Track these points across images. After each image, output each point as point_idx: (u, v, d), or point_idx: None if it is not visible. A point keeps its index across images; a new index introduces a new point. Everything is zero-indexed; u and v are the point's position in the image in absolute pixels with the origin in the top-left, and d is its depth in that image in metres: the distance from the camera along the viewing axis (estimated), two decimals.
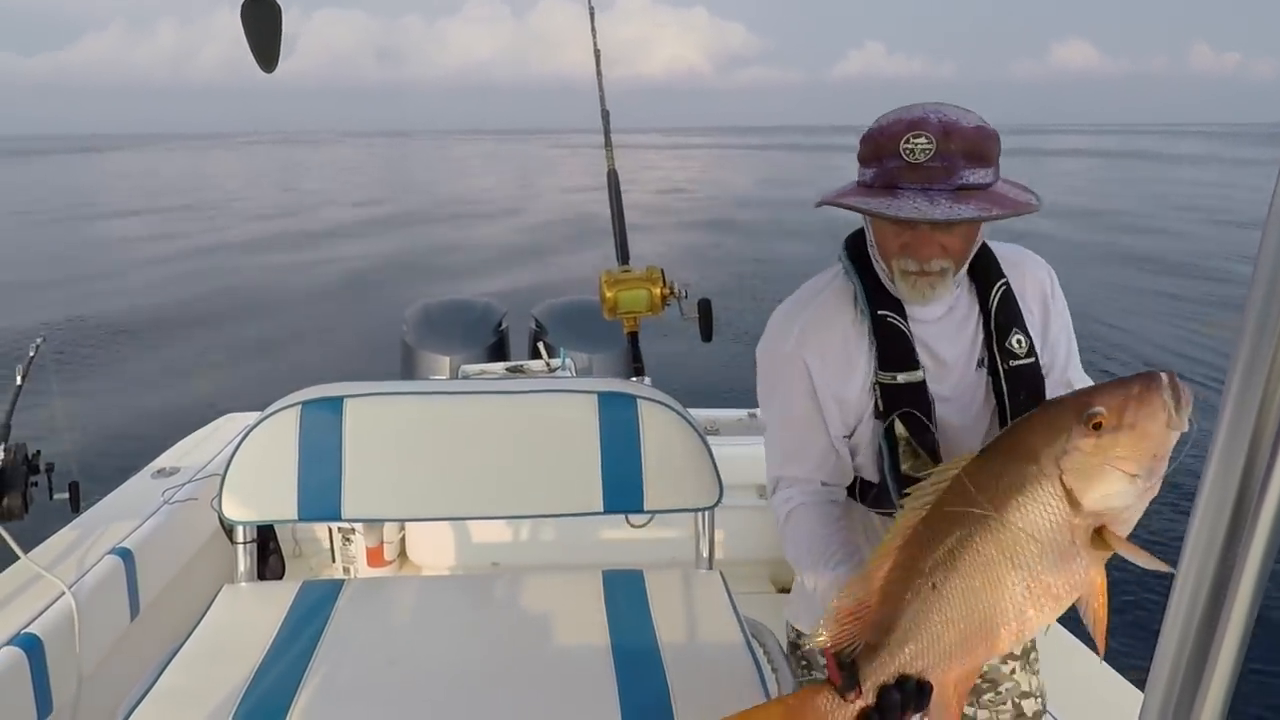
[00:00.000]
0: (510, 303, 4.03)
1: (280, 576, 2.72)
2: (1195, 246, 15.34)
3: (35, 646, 1.74)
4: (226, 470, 1.99)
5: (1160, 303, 11.01)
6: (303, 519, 1.99)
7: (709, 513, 2.02)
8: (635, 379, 2.71)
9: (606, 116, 2.72)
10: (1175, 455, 1.00)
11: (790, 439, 1.44)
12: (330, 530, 2.89)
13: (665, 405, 1.98)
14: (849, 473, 1.44)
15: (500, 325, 3.74)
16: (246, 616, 1.87)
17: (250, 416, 3.04)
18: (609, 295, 2.56)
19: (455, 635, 1.80)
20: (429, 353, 3.55)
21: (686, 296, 2.59)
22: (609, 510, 1.96)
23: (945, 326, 1.33)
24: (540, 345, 3.44)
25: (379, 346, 6.70)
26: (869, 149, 1.19)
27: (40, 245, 17.39)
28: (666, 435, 1.96)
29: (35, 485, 1.94)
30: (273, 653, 1.72)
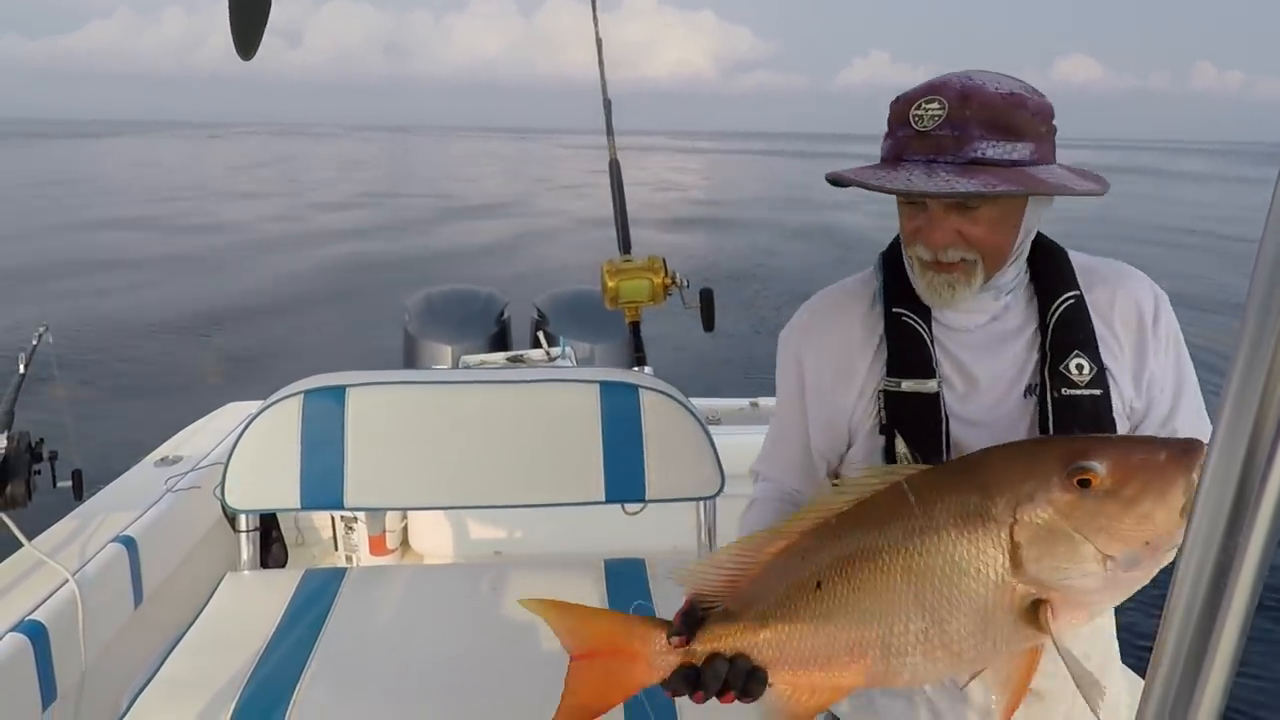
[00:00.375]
0: (512, 292, 4.03)
1: (283, 565, 2.73)
2: (1195, 259, 15.31)
3: (39, 634, 1.75)
4: (229, 459, 2.00)
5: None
6: (305, 507, 2.00)
7: (711, 502, 2.02)
8: (637, 369, 2.71)
9: (608, 106, 2.71)
10: (1169, 554, 0.81)
11: (773, 434, 1.32)
12: (333, 519, 2.90)
13: (667, 395, 1.98)
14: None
15: (502, 315, 3.74)
16: (249, 604, 1.88)
17: (253, 405, 3.05)
18: (611, 285, 2.55)
19: (457, 623, 1.81)
20: (431, 342, 3.55)
21: (688, 286, 2.59)
22: (611, 499, 1.97)
23: (985, 339, 1.13)
24: (541, 335, 3.45)
25: (381, 336, 6.72)
26: (889, 116, 1.06)
27: (42, 231, 17.38)
28: (668, 425, 1.97)
29: (38, 473, 1.95)
30: (275, 640, 1.73)
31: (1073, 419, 1.06)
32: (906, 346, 1.12)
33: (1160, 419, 1.13)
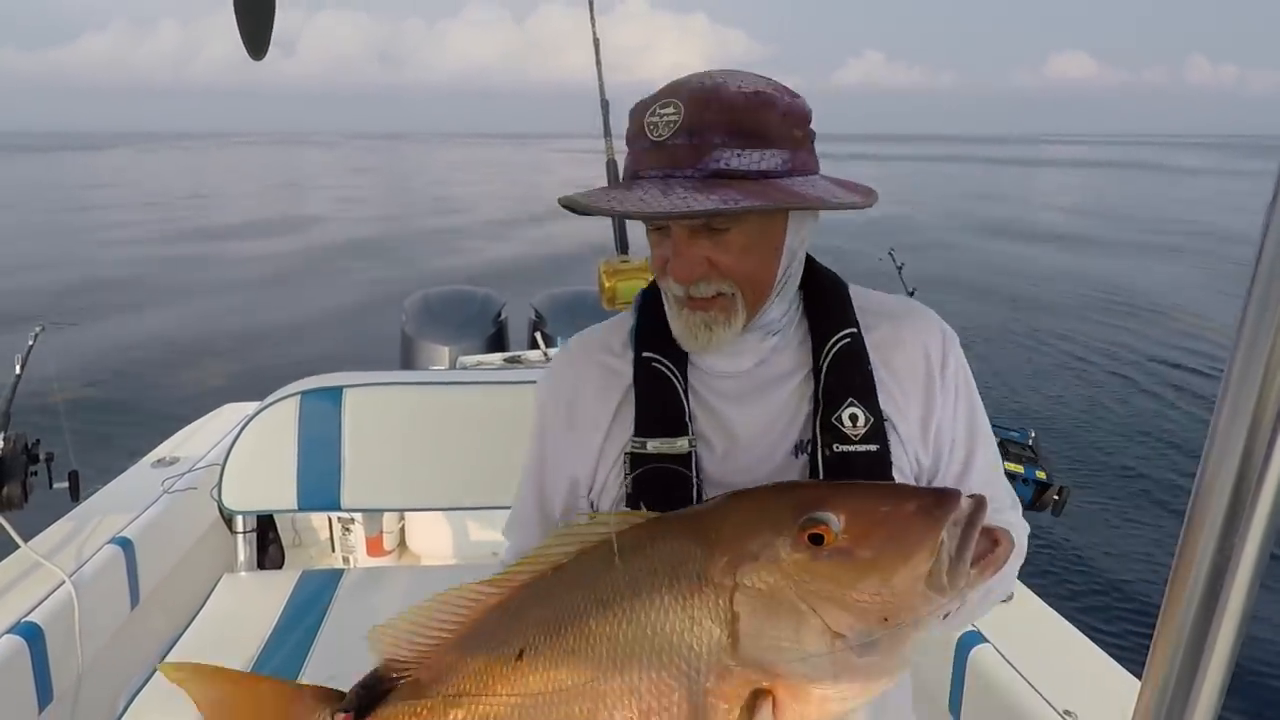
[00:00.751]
0: (510, 293, 4.03)
1: (280, 566, 2.73)
2: (1195, 251, 15.34)
3: (36, 635, 1.74)
4: (226, 460, 2.00)
5: (1157, 302, 11.01)
6: (302, 509, 2.00)
7: None
8: None
9: (606, 106, 2.72)
10: (912, 632, 0.65)
11: (519, 493, 1.12)
12: (330, 520, 2.90)
13: None
14: None
15: (500, 316, 3.74)
16: (246, 605, 1.88)
17: (250, 406, 3.04)
18: (608, 285, 2.55)
19: None
20: (428, 343, 3.56)
21: None
22: None
23: (750, 387, 0.96)
24: (539, 335, 3.45)
25: (378, 337, 6.71)
26: (628, 130, 0.89)
27: (39, 237, 17.37)
28: None
29: (35, 474, 1.94)
30: (272, 641, 1.73)
31: (848, 479, 0.91)
32: (656, 399, 0.95)
33: (954, 477, 0.99)
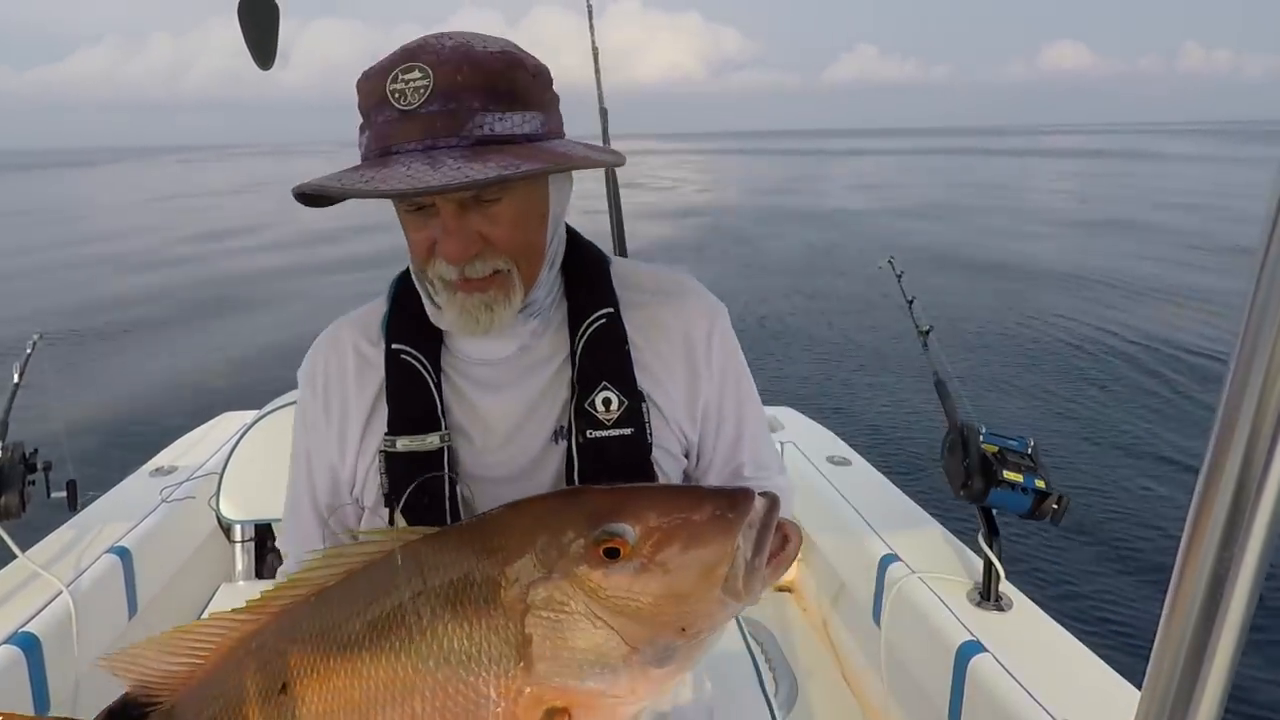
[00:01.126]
0: None
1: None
2: (1191, 241, 15.36)
3: (33, 645, 1.74)
4: (224, 469, 1.99)
5: (1157, 297, 11.03)
6: None
7: None
8: None
9: (605, 114, 2.72)
10: (709, 638, 0.66)
11: (288, 501, 1.05)
12: None
13: None
14: None
15: None
16: None
17: (248, 415, 3.04)
18: None
19: None
20: None
21: None
22: None
23: (511, 374, 0.92)
24: None
25: None
26: (360, 101, 0.82)
27: (37, 252, 17.39)
28: None
29: (32, 484, 1.94)
30: None
31: (601, 466, 0.88)
32: (405, 395, 0.91)
33: (726, 449, 0.98)
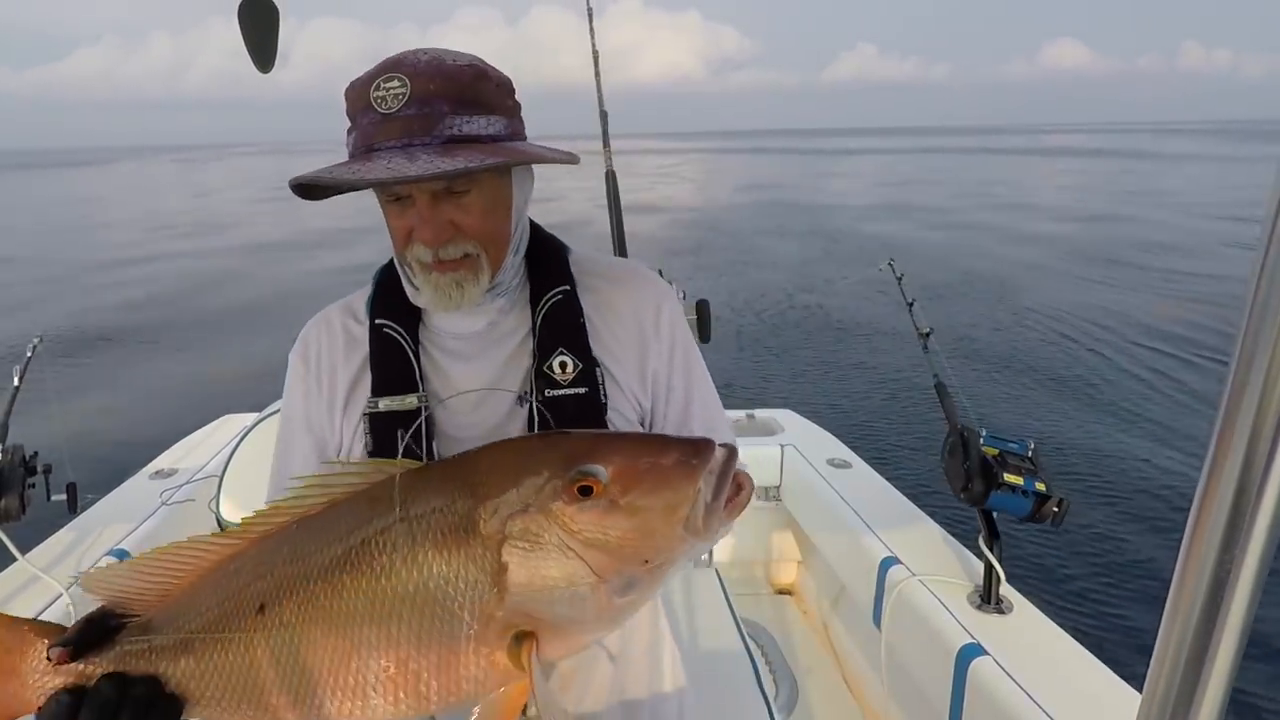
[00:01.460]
0: None
1: None
2: (1191, 240, 15.37)
3: None
4: (224, 471, 1.99)
5: (1156, 296, 11.03)
6: None
7: None
8: None
9: (605, 117, 2.72)
10: (668, 571, 0.72)
11: (274, 468, 1.13)
12: None
13: None
14: None
15: None
16: None
17: (248, 417, 3.04)
18: None
19: None
20: None
21: (685, 298, 2.59)
22: None
23: (480, 346, 1.06)
24: None
25: None
26: (347, 106, 0.95)
27: (37, 253, 17.39)
28: None
29: (33, 486, 1.94)
30: None
31: (559, 422, 1.00)
32: (387, 361, 1.04)
33: (677, 415, 1.10)
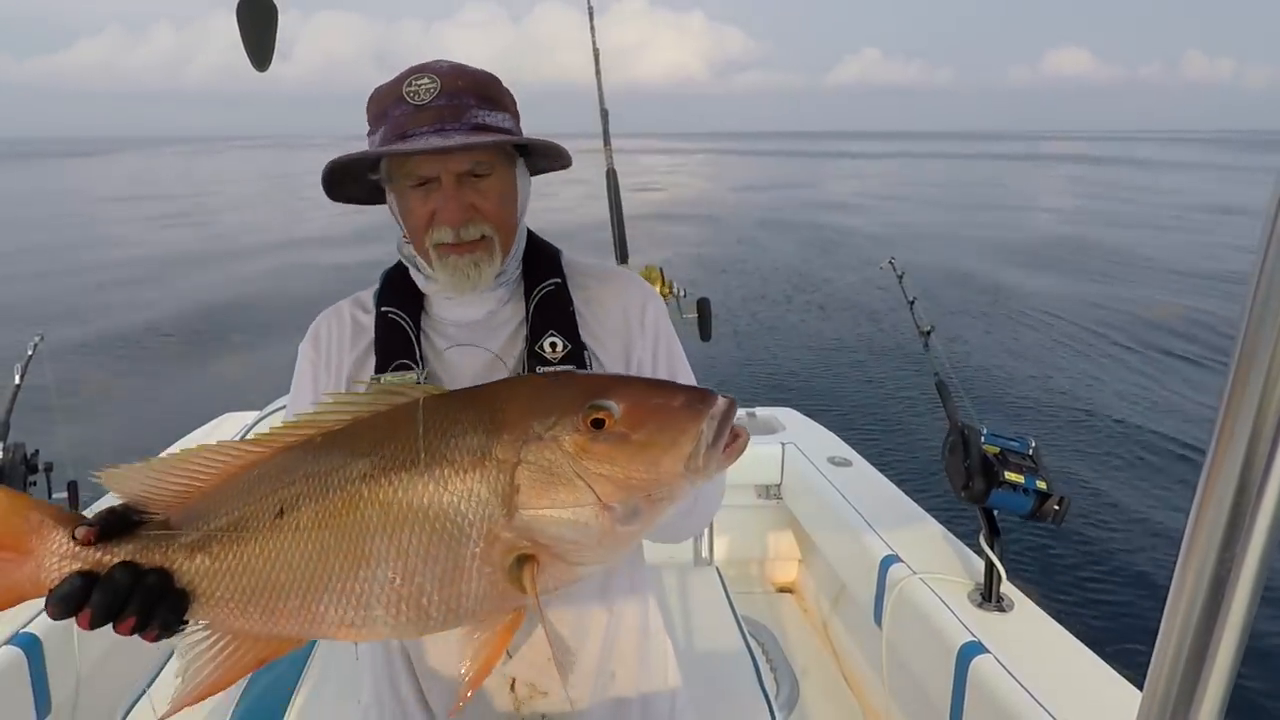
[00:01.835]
0: None
1: None
2: (1191, 241, 15.36)
3: (34, 646, 1.74)
4: None
5: (1154, 294, 11.03)
6: None
7: None
8: None
9: (606, 116, 2.72)
10: (668, 506, 0.75)
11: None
12: None
13: None
14: None
15: None
16: None
17: (249, 415, 3.04)
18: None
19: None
20: None
21: (685, 295, 2.59)
22: None
23: (479, 334, 1.15)
24: None
25: None
26: (373, 108, 1.05)
27: (37, 246, 17.39)
28: None
29: (34, 484, 1.94)
30: None
31: None
32: (390, 343, 1.13)
33: None
